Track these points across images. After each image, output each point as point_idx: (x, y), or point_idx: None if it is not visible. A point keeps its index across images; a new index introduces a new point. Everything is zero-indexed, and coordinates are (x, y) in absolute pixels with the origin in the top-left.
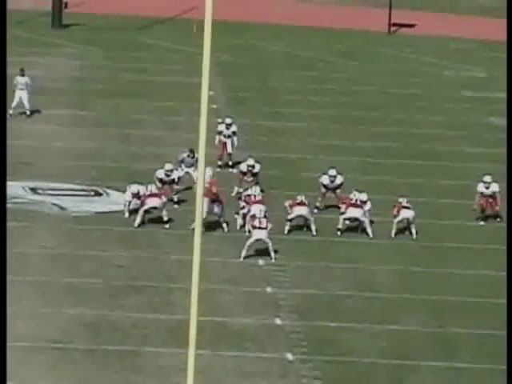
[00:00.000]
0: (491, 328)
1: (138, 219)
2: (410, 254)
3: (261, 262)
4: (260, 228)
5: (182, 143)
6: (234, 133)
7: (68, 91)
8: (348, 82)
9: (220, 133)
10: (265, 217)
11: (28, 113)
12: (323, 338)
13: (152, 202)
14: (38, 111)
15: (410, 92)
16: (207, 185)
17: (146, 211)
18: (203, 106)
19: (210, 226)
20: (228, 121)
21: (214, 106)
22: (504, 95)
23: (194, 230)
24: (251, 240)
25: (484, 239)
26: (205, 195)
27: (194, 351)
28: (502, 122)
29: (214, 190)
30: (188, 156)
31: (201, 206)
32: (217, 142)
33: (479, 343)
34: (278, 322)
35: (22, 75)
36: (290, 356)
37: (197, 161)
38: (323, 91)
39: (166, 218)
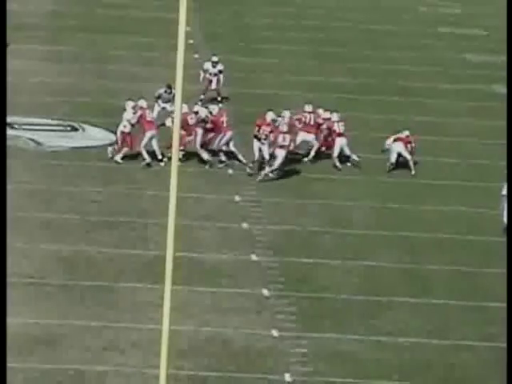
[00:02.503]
0: (465, 264)
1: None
2: (385, 191)
3: (237, 198)
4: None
5: (158, 79)
6: (220, 71)
7: (44, 26)
8: (324, 18)
9: (206, 71)
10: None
11: None
12: (299, 274)
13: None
14: (13, 46)
15: (386, 28)
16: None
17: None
18: (180, 42)
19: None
20: (214, 59)
21: (191, 42)
22: (479, 32)
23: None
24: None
25: (458, 176)
26: None
27: (169, 287)
28: (477, 58)
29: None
30: (165, 92)
31: (177, 140)
32: (201, 79)
33: (453, 280)
34: (254, 257)
35: None
36: (265, 292)
37: (174, 97)
38: (299, 27)
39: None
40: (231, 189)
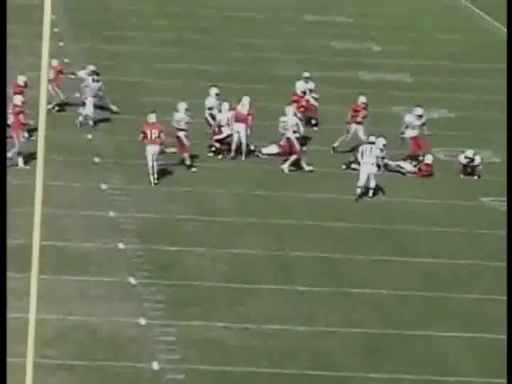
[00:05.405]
0: (331, 251)
1: None
2: (250, 178)
3: (103, 186)
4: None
5: (23, 68)
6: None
7: None
8: (189, 5)
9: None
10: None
11: None
12: (165, 262)
13: None
14: None
15: (251, 15)
16: None
17: None
18: (45, 30)
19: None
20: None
21: (56, 30)
22: (346, 19)
23: None
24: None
25: (324, 163)
26: None
27: (36, 275)
28: (342, 45)
29: None
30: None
31: (43, 130)
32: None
33: (319, 266)
34: (121, 246)
35: None
36: (132, 280)
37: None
38: (164, 14)
39: None
40: (97, 177)
